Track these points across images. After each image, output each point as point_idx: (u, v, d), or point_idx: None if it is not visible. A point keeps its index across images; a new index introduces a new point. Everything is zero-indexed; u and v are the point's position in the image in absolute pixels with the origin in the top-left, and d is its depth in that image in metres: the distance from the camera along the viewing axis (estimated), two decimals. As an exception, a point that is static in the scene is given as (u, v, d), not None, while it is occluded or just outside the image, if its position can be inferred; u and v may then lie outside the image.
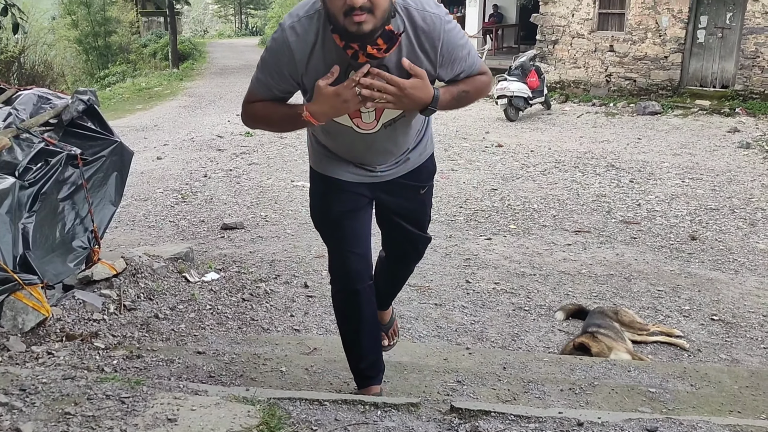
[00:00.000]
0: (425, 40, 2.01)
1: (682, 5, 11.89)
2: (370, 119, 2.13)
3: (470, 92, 2.15)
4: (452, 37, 2.05)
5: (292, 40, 2.00)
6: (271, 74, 2.07)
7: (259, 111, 2.16)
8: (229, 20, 61.12)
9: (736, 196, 6.96)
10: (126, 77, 22.32)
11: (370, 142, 2.21)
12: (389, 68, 1.99)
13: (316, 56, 2.01)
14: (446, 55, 2.05)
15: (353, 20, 1.85)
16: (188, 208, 6.61)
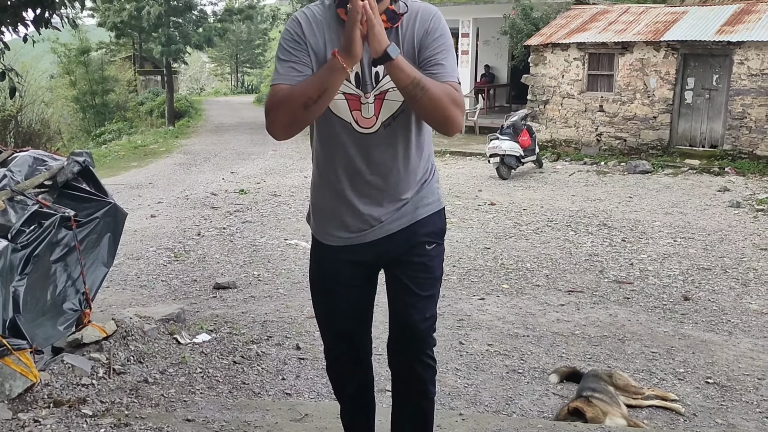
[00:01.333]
0: (419, 20, 2.12)
1: (669, 67, 12.17)
2: (370, 113, 2.13)
3: (430, 92, 2.02)
4: (442, 25, 2.15)
5: (302, 18, 2.13)
6: (288, 49, 2.10)
7: (286, 91, 2.06)
8: (226, 78, 62.09)
9: (728, 255, 6.98)
10: (122, 135, 22.54)
11: (367, 148, 2.16)
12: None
13: (323, 32, 2.10)
14: (429, 35, 2.12)
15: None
16: (181, 267, 6.59)
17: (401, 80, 1.99)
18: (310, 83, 2.02)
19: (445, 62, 2.11)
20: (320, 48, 2.09)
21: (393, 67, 1.98)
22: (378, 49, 1.94)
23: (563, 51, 13.28)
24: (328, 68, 2.00)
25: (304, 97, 2.01)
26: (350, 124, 2.14)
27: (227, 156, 15.92)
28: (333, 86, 2.02)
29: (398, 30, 2.10)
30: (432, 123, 2.13)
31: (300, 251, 7.09)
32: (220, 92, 55.38)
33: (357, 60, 1.99)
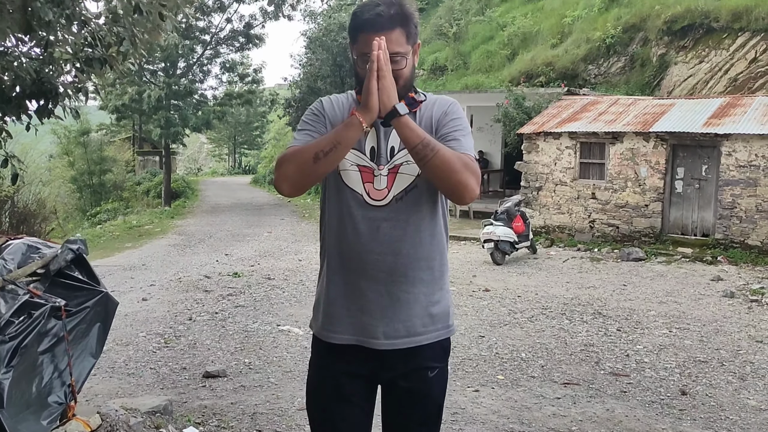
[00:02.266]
0: (439, 104, 2.23)
1: (658, 157, 12.42)
2: (382, 185, 2.14)
3: (441, 153, 2.01)
4: (459, 110, 2.25)
5: (325, 100, 2.27)
6: (307, 121, 2.21)
7: (298, 149, 2.09)
8: (223, 159, 62.95)
9: (724, 347, 6.93)
10: (117, 215, 22.63)
11: (377, 222, 2.13)
12: None
13: (343, 113, 2.20)
14: (446, 116, 2.20)
15: None
16: (170, 353, 6.49)
17: (410, 139, 2.01)
18: (323, 138, 2.07)
19: (462, 138, 2.15)
20: (338, 122, 2.15)
21: (402, 125, 2.02)
22: (387, 103, 1.99)
23: (555, 139, 13.57)
24: (344, 124, 2.06)
25: (316, 148, 2.03)
26: (361, 195, 2.15)
27: (222, 237, 15.95)
28: (346, 141, 2.04)
29: (416, 116, 2.18)
30: (444, 189, 2.10)
31: (292, 338, 7.01)
32: (217, 172, 56.05)
33: (374, 115, 2.02)
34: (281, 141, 42.12)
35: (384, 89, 1.99)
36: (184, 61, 23.51)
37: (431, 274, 2.21)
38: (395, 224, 2.14)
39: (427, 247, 2.19)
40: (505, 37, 24.85)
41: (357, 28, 2.15)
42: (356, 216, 2.15)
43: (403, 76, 2.11)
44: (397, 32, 2.11)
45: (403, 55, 2.12)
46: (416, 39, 2.19)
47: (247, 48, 24.14)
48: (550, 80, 20.44)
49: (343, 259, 2.19)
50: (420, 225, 2.18)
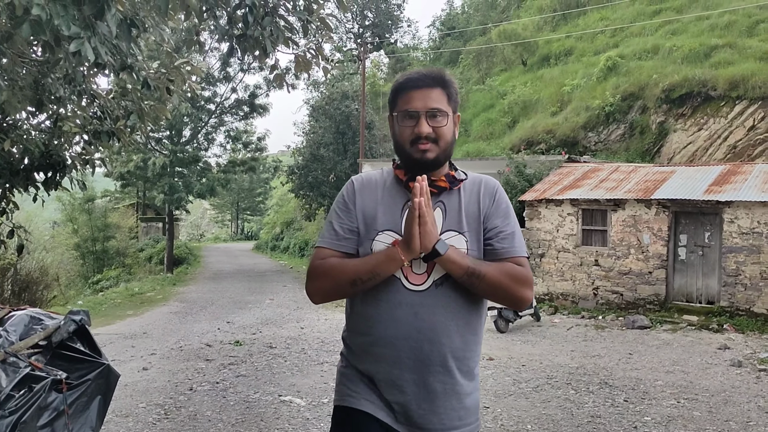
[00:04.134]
0: (484, 188, 2.19)
1: (661, 224, 12.46)
2: (421, 270, 2.08)
3: (488, 278, 2.02)
4: (506, 197, 2.23)
5: (356, 181, 2.23)
6: (338, 211, 2.18)
7: (335, 265, 2.09)
8: (226, 225, 63.27)
9: (734, 419, 6.79)
10: (120, 282, 22.60)
11: (415, 308, 2.07)
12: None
13: (376, 193, 2.17)
14: (495, 206, 2.16)
15: (419, 148, 2.10)
16: (171, 425, 6.37)
17: (454, 272, 2.02)
18: (363, 264, 2.05)
19: (514, 235, 2.14)
20: (370, 205, 2.15)
21: (444, 261, 2.01)
22: (427, 245, 1.98)
23: (557, 206, 13.64)
24: (385, 256, 2.03)
25: (354, 276, 2.04)
26: (399, 280, 2.08)
27: (224, 304, 15.87)
28: (385, 273, 2.04)
29: (460, 192, 2.16)
30: (498, 302, 2.13)
31: (294, 409, 6.89)
32: (219, 238, 56.24)
33: (415, 255, 2.01)
34: (284, 207, 42.40)
35: (425, 234, 1.97)
36: (189, 129, 23.93)
37: (467, 364, 2.16)
38: (433, 310, 2.08)
39: (465, 335, 2.13)
40: (505, 106, 25.36)
41: (398, 90, 2.17)
42: (392, 301, 2.09)
43: (444, 137, 2.12)
44: (437, 91, 2.13)
45: (444, 113, 2.12)
46: (456, 106, 2.20)
47: (252, 117, 24.61)
48: (550, 147, 20.73)
49: (374, 346, 2.12)
50: (460, 312, 2.11)
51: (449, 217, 2.14)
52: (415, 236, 1.96)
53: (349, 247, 2.14)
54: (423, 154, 2.10)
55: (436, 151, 2.11)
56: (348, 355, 2.23)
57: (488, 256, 2.12)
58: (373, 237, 2.12)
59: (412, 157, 2.12)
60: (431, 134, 2.09)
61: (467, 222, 2.13)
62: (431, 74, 2.15)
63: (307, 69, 3.70)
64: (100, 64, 2.34)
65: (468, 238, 2.12)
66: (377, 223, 2.13)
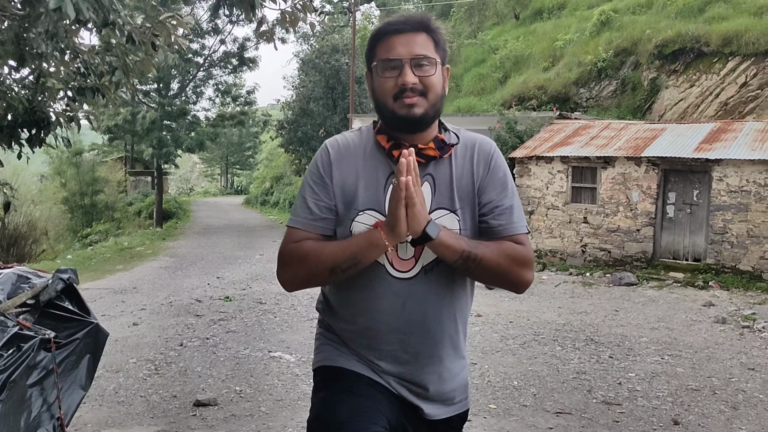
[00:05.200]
0: (478, 153, 1.90)
1: (650, 182, 12.49)
2: (408, 254, 1.85)
3: (485, 261, 1.78)
4: (503, 163, 1.94)
5: (332, 148, 1.92)
6: (312, 185, 1.89)
7: (311, 250, 1.82)
8: (215, 179, 63.00)
9: (716, 375, 6.92)
10: (109, 236, 22.56)
11: (402, 298, 1.85)
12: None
13: (356, 163, 1.88)
14: (491, 176, 1.90)
15: (404, 102, 1.80)
16: (161, 381, 6.42)
17: (448, 257, 1.78)
18: (342, 250, 1.79)
19: (512, 209, 1.89)
20: (349, 179, 1.87)
21: (436, 246, 1.77)
22: (417, 229, 1.73)
23: (547, 163, 13.63)
24: (367, 241, 1.78)
25: (332, 263, 1.79)
26: (383, 266, 1.85)
27: (213, 260, 15.89)
28: (368, 260, 1.79)
29: (451, 161, 1.88)
30: (495, 286, 1.93)
31: (283, 365, 6.96)
32: (209, 192, 56.08)
33: (401, 240, 1.77)
34: (273, 161, 42.19)
35: (414, 216, 1.71)
36: (177, 82, 23.60)
37: (459, 346, 1.99)
38: (423, 299, 1.86)
39: (457, 320, 1.94)
40: (497, 60, 25.11)
41: (377, 37, 1.88)
42: (377, 290, 1.86)
43: (433, 89, 1.82)
44: (422, 36, 1.83)
45: (431, 61, 1.82)
46: (445, 55, 1.90)
47: (240, 70, 24.28)
48: (541, 103, 20.62)
49: (358, 335, 1.92)
50: (451, 298, 1.91)
51: (439, 192, 1.87)
52: (400, 219, 1.71)
53: (326, 228, 1.87)
54: (409, 109, 1.79)
55: (424, 105, 1.80)
56: (327, 326, 2.03)
57: (484, 234, 1.87)
58: (353, 217, 1.85)
59: (396, 114, 1.81)
60: (417, 85, 1.79)
61: (459, 197, 1.87)
62: (414, 18, 1.85)
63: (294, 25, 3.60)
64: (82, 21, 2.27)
65: (461, 216, 1.87)
66: (357, 201, 1.85)
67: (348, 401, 1.84)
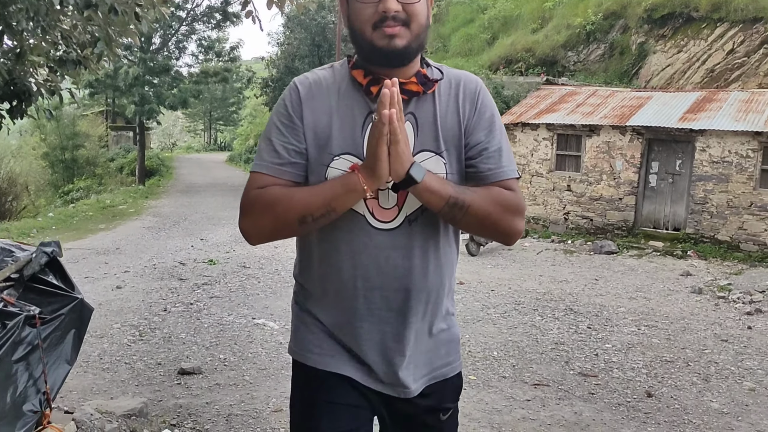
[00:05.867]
0: (464, 90, 1.73)
1: (634, 151, 12.56)
2: (390, 203, 1.68)
3: (473, 208, 1.62)
4: (490, 101, 1.77)
5: (301, 85, 1.73)
6: (279, 126, 1.70)
7: (279, 196, 1.63)
8: (198, 134, 62.36)
9: (690, 346, 7.09)
10: (90, 193, 22.38)
11: (384, 251, 1.68)
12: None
13: (329, 102, 1.69)
14: (478, 115, 1.72)
15: (384, 32, 1.60)
16: (145, 347, 6.48)
17: (433, 204, 1.61)
18: (314, 195, 1.61)
19: (501, 152, 1.72)
20: (321, 120, 1.68)
21: (420, 191, 1.59)
22: (399, 171, 1.55)
23: (533, 130, 13.64)
24: (343, 185, 1.59)
25: (303, 210, 1.60)
26: (363, 216, 1.68)
27: (197, 220, 15.86)
28: (344, 207, 1.62)
29: (435, 99, 1.70)
30: (485, 237, 1.81)
31: (267, 332, 7.03)
32: (192, 148, 55.56)
33: (381, 183, 1.59)
34: (257, 118, 41.81)
35: (397, 156, 1.54)
36: (159, 36, 23.16)
37: (445, 304, 1.84)
38: (407, 252, 1.70)
39: (440, 272, 1.77)
40: (485, 21, 24.85)
41: None
42: (356, 243, 1.69)
43: (417, 18, 1.63)
44: None
45: None
46: None
47: (224, 25, 23.83)
48: (529, 66, 20.51)
49: (337, 298, 1.75)
50: (436, 250, 1.74)
51: (422, 132, 1.69)
52: (382, 159, 1.52)
53: (296, 173, 1.68)
54: (390, 40, 1.60)
55: (407, 36, 1.61)
56: (303, 298, 1.85)
57: (471, 179, 1.71)
58: (327, 162, 1.66)
59: (375, 45, 1.62)
60: (401, 13, 1.59)
61: (444, 138, 1.69)
62: None
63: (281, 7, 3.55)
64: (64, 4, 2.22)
65: (446, 159, 1.70)
66: (332, 145, 1.66)
67: (329, 416, 1.76)
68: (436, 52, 25.49)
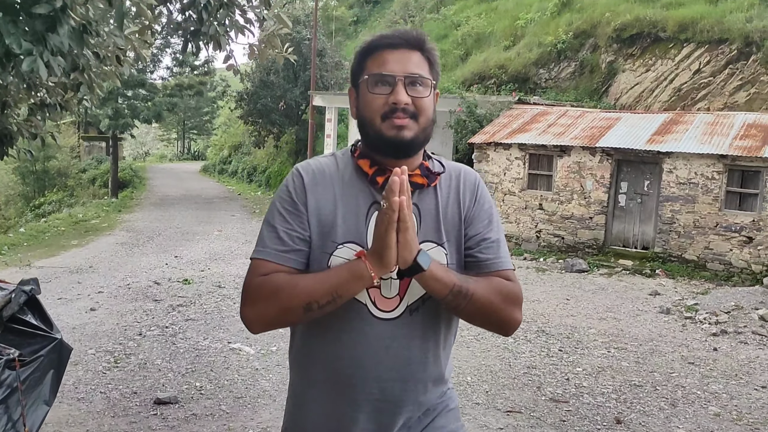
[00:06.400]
0: (464, 183, 1.79)
1: (604, 171, 12.82)
2: (392, 292, 1.69)
3: (476, 297, 1.65)
4: (488, 194, 1.85)
5: (305, 171, 1.74)
6: (282, 211, 1.71)
7: (283, 284, 1.63)
8: (172, 143, 61.89)
9: (659, 370, 7.27)
10: (62, 206, 22.14)
11: (385, 341, 1.69)
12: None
13: (332, 190, 1.72)
14: (478, 207, 1.79)
15: (393, 123, 1.65)
16: (121, 374, 6.48)
17: (438, 291, 1.63)
18: (319, 283, 1.61)
19: (499, 243, 1.77)
20: (326, 207, 1.70)
21: (426, 279, 1.61)
22: (407, 258, 1.57)
23: (505, 150, 13.85)
24: (349, 272, 1.60)
25: (308, 298, 1.59)
26: (365, 305, 1.68)
27: (171, 235, 15.79)
28: (349, 295, 1.63)
29: (437, 192, 1.76)
30: (484, 327, 1.82)
31: (243, 358, 7.07)
32: (165, 157, 55.13)
33: (389, 270, 1.59)
34: (231, 128, 41.65)
35: (405, 243, 1.55)
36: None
37: (439, 386, 1.85)
38: (408, 342, 1.71)
39: (439, 362, 1.80)
40: (458, 37, 25.13)
41: (368, 51, 1.74)
42: (356, 331, 1.69)
43: (425, 112, 1.69)
44: (417, 55, 1.71)
45: (425, 81, 1.70)
46: (438, 78, 1.78)
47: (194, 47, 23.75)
48: (502, 83, 20.81)
49: (334, 384, 1.74)
50: (436, 340, 1.77)
51: (425, 223, 1.73)
52: (390, 246, 1.53)
53: (299, 261, 1.68)
54: (399, 131, 1.65)
55: (414, 129, 1.67)
56: (299, 383, 1.86)
57: (469, 268, 1.75)
58: (331, 251, 1.67)
59: (383, 135, 1.67)
60: (410, 106, 1.66)
61: (446, 229, 1.74)
62: (410, 34, 1.72)
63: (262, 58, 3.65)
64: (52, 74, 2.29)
65: (447, 249, 1.74)
66: (336, 233, 1.68)
67: None
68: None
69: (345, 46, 29.95)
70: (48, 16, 2.12)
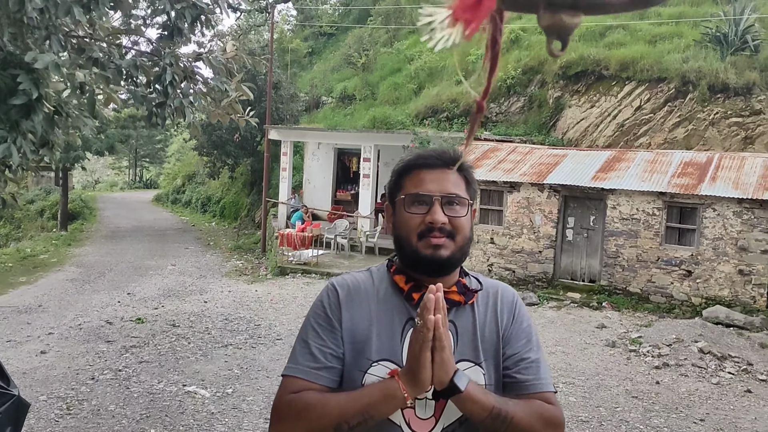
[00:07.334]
0: (501, 301, 1.76)
1: (551, 207, 13.25)
2: (427, 414, 1.64)
3: (515, 420, 1.58)
4: (526, 312, 1.82)
5: (340, 286, 1.73)
6: (315, 327, 1.69)
7: (314, 402, 1.58)
8: (123, 172, 60.96)
9: (604, 404, 7.55)
10: (9, 241, 21.64)
11: None
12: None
13: (368, 307, 1.69)
14: (517, 325, 1.75)
15: (430, 242, 1.64)
16: (74, 422, 6.45)
17: (475, 414, 1.57)
18: (351, 402, 1.56)
19: (540, 363, 1.72)
20: (360, 324, 1.67)
21: (463, 400, 1.55)
22: (443, 378, 1.52)
23: (457, 185, 14.18)
24: (381, 391, 1.55)
25: (339, 418, 1.55)
26: (399, 427, 1.63)
27: (123, 271, 15.63)
28: (381, 415, 1.57)
29: (474, 309, 1.73)
30: None
31: (198, 401, 7.10)
32: (116, 186, 54.27)
33: (423, 390, 1.54)
34: (185, 156, 41.36)
35: (441, 363, 1.50)
36: (85, 80, 22.81)
37: None
38: None
39: None
40: (412, 71, 25.62)
41: (405, 170, 1.75)
42: None
43: (462, 231, 1.67)
44: (456, 175, 1.71)
45: (463, 201, 1.70)
46: (475, 195, 1.78)
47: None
48: (454, 116, 21.29)
49: None
50: None
51: (462, 342, 1.69)
52: (425, 366, 1.49)
53: (331, 378, 1.64)
54: (435, 250, 1.63)
55: (451, 248, 1.65)
56: None
57: (508, 389, 1.69)
58: (365, 369, 1.63)
59: (419, 253, 1.64)
60: (447, 225, 1.65)
61: (483, 348, 1.69)
62: (447, 154, 1.73)
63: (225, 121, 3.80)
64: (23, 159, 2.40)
65: (485, 369, 1.69)
66: (371, 350, 1.64)
67: None
68: (364, 99, 26.08)
69: (300, 78, 30.20)
70: (23, 105, 2.24)
